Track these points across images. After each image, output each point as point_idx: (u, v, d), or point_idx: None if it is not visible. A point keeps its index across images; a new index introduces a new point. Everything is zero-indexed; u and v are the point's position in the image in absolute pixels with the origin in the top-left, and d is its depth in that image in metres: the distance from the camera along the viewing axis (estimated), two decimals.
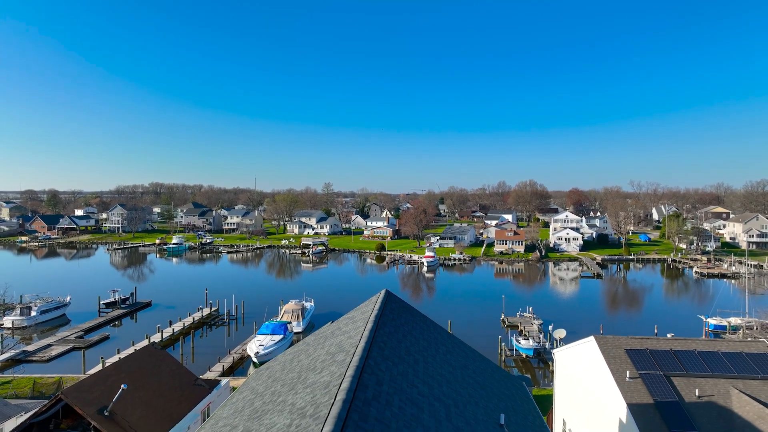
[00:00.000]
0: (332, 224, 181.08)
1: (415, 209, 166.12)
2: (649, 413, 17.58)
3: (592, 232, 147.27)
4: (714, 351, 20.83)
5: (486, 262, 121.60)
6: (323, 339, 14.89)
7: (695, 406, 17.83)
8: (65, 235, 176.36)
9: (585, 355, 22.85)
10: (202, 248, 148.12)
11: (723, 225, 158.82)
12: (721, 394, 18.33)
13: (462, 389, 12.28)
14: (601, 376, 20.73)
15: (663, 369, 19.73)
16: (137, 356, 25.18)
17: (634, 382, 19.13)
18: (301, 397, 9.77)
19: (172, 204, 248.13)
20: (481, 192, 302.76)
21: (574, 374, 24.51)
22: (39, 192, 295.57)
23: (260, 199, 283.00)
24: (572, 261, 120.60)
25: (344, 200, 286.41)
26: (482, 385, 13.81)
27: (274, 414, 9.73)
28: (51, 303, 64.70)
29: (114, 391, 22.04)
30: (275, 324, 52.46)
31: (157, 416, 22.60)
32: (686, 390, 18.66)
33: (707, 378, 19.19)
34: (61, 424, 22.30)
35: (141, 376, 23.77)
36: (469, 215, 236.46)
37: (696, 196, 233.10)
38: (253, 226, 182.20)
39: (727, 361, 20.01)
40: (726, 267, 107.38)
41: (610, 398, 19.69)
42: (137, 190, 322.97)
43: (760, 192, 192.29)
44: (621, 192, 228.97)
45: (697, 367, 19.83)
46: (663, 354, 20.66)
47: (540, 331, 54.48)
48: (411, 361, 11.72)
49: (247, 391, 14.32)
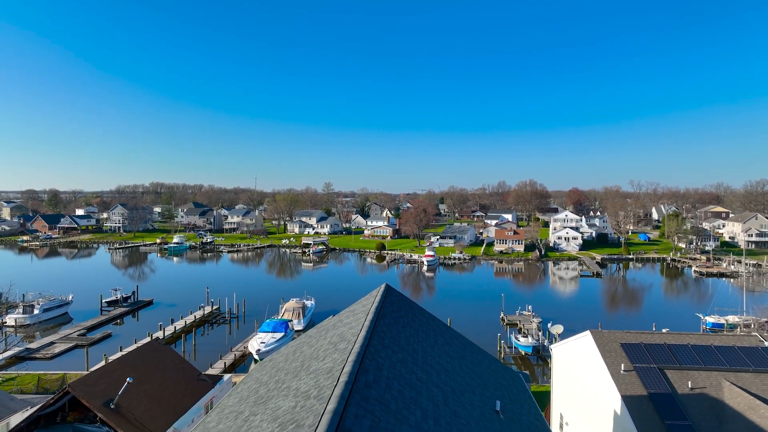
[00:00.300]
0: (332, 224, 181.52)
1: (415, 209, 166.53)
2: (642, 405, 18.02)
3: (591, 231, 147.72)
4: (707, 345, 21.27)
5: (486, 261, 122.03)
6: (325, 331, 15.32)
7: (688, 398, 18.27)
8: (66, 235, 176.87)
9: (581, 350, 23.29)
10: (202, 248, 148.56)
11: (722, 224, 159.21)
12: (713, 387, 18.76)
13: (459, 378, 12.72)
14: (596, 370, 21.16)
15: (657, 362, 20.17)
16: (142, 351, 25.62)
17: (629, 375, 19.58)
18: (305, 382, 10.21)
19: (172, 204, 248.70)
20: (481, 192, 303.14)
21: (571, 368, 24.95)
22: (39, 192, 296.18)
23: (260, 198, 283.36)
24: (572, 260, 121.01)
25: (344, 200, 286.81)
26: (479, 375, 14.25)
27: (279, 398, 10.16)
28: (53, 301, 65.20)
29: (119, 385, 22.47)
30: (276, 322, 52.88)
31: (162, 409, 23.04)
32: (679, 382, 19.10)
33: (700, 371, 19.63)
34: (67, 417, 22.75)
35: (145, 371, 24.21)
36: (469, 215, 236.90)
37: (696, 195, 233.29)
38: (254, 226, 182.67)
39: (720, 355, 20.45)
40: (725, 266, 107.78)
41: (606, 391, 20.13)
42: (138, 190, 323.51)
43: (759, 192, 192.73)
44: (621, 192, 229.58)
45: (690, 360, 20.27)
46: (657, 348, 21.10)
47: (539, 328, 54.93)
48: (410, 350, 12.16)
49: (252, 381, 14.76)
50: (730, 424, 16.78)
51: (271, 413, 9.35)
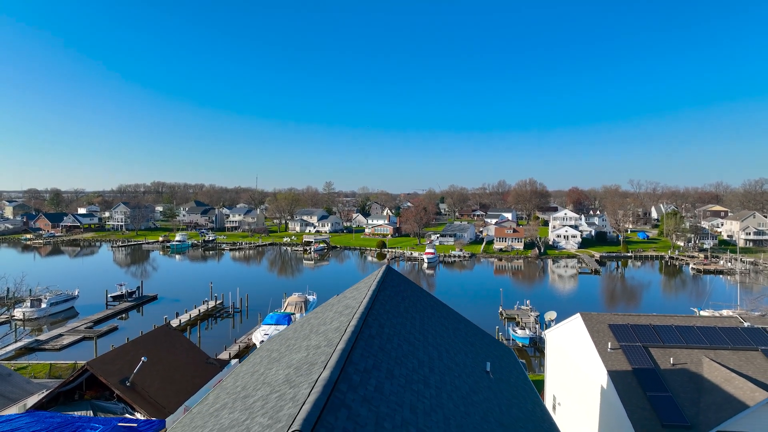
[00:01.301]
0: (333, 222, 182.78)
1: (416, 207, 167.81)
2: (627, 379, 19.22)
3: (590, 230, 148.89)
4: (690, 326, 22.47)
5: (485, 259, 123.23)
6: (331, 306, 16.56)
7: (669, 373, 19.46)
8: (69, 233, 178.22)
9: (572, 332, 24.51)
10: (204, 245, 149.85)
11: (721, 223, 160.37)
12: (693, 362, 19.96)
13: (453, 343, 13.95)
14: (585, 349, 22.37)
15: (642, 341, 21.39)
16: (154, 334, 26.87)
17: (615, 353, 20.78)
18: (314, 340, 11.43)
19: (174, 203, 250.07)
20: (481, 191, 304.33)
21: (563, 351, 26.16)
22: (41, 191, 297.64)
23: (262, 198, 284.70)
24: (571, 258, 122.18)
25: (345, 200, 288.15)
26: (472, 344, 15.48)
27: (291, 354, 11.39)
28: (60, 296, 66.48)
29: (133, 366, 23.70)
30: (279, 315, 54.07)
31: (174, 389, 24.27)
32: (662, 359, 20.30)
33: (682, 348, 20.82)
34: (84, 395, 23.99)
35: (158, 352, 25.44)
36: (470, 214, 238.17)
37: (695, 195, 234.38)
38: (255, 224, 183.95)
39: (701, 334, 21.65)
40: (722, 263, 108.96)
41: (594, 368, 21.34)
42: (139, 189, 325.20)
43: (759, 191, 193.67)
44: (620, 191, 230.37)
45: (673, 339, 21.47)
46: (643, 328, 22.32)
47: (536, 322, 56.14)
48: (408, 317, 13.39)
49: (263, 351, 15.98)
50: (708, 395, 17.98)
51: (285, 364, 10.57)
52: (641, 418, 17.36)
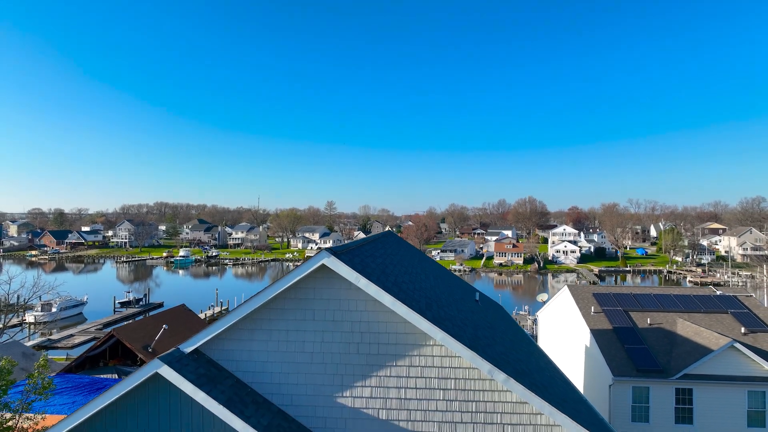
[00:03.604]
0: (335, 240, 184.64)
1: (416, 224, 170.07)
2: (608, 335, 21.10)
3: (590, 245, 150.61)
4: (667, 294, 24.45)
5: (486, 273, 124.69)
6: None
7: (646, 330, 21.35)
8: (74, 250, 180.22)
9: (561, 304, 26.45)
10: (208, 261, 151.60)
11: (719, 240, 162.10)
12: (668, 323, 21.85)
13: (448, 282, 16.04)
14: (572, 316, 24.27)
15: (623, 306, 23.33)
16: (173, 311, 28.85)
17: (598, 315, 22.71)
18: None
19: (176, 222, 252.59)
20: (482, 212, 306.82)
21: (553, 324, 28.05)
22: (45, 212, 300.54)
23: (263, 217, 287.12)
24: (570, 272, 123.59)
25: (347, 220, 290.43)
26: (464, 290, 17.54)
27: None
28: (70, 301, 68.26)
29: (153, 336, 25.62)
30: None
31: None
32: (640, 320, 22.22)
33: (659, 312, 22.74)
34: (108, 363, 25.83)
35: (176, 326, 27.32)
36: (470, 233, 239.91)
37: (694, 214, 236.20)
38: (258, 241, 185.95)
39: (678, 301, 23.59)
40: (718, 276, 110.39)
41: (579, 330, 23.22)
42: (142, 209, 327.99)
43: (757, 210, 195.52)
44: (619, 211, 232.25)
45: (652, 305, 23.41)
46: (624, 296, 24.30)
47: (534, 324, 57.61)
48: (407, 256, 15.53)
49: None
50: (679, 347, 19.83)
51: None
52: (619, 365, 19.20)
